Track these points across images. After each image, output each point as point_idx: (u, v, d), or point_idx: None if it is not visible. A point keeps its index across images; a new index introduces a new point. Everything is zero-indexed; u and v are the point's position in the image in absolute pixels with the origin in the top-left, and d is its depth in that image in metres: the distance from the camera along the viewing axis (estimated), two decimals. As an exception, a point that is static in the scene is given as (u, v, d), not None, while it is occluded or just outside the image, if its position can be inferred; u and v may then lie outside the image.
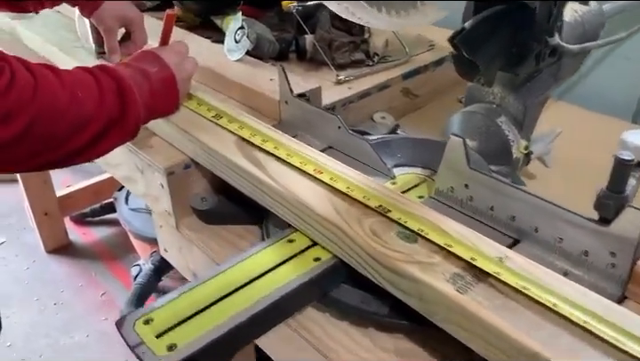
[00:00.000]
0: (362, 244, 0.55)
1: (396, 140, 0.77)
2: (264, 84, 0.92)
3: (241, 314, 0.53)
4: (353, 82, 1.02)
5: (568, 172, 0.84)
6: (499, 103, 0.76)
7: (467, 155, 0.62)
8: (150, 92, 0.71)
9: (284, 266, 0.59)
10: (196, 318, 0.53)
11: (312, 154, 0.70)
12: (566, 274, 0.55)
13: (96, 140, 0.64)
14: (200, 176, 0.81)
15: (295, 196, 0.62)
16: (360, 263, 0.56)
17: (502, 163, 0.75)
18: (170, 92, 0.75)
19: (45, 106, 0.58)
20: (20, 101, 0.56)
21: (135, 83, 0.69)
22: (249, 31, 1.01)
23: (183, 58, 0.79)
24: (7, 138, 0.56)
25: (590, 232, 0.54)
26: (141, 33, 0.97)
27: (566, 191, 0.70)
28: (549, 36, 0.66)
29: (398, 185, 0.71)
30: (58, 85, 0.61)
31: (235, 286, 0.57)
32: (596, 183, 0.54)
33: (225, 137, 0.75)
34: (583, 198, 0.55)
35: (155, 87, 0.72)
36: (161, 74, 0.74)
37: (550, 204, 0.57)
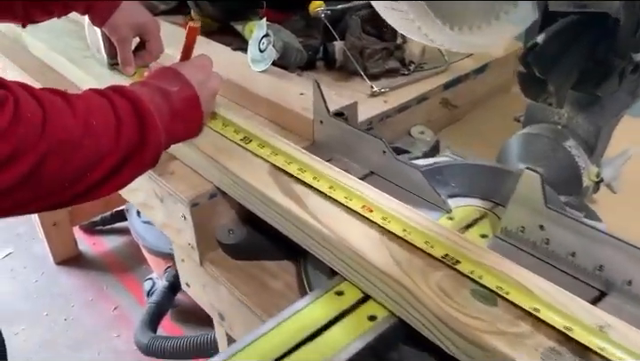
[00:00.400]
0: (430, 305, 0.46)
1: (450, 166, 0.68)
2: (294, 99, 0.83)
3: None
4: (389, 94, 0.93)
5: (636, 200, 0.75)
6: (565, 124, 0.67)
7: (544, 192, 0.53)
8: (171, 114, 0.62)
9: (335, 327, 0.50)
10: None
11: (357, 186, 0.62)
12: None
13: (111, 175, 0.56)
14: (227, 206, 0.72)
15: (344, 240, 0.54)
16: (428, 328, 0.47)
17: (571, 192, 0.66)
18: (193, 114, 0.66)
19: (56, 141, 0.50)
20: (26, 138, 0.48)
21: (155, 105, 0.60)
22: (274, 39, 0.93)
23: (207, 74, 0.70)
24: (10, 181, 0.47)
25: None
26: (157, 42, 0.89)
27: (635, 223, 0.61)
28: (634, 52, 0.57)
29: (456, 220, 0.62)
30: (69, 115, 0.53)
31: (283, 351, 0.48)
32: None
33: (256, 165, 0.67)
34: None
35: (176, 108, 0.63)
36: (183, 93, 0.65)
37: (651, 255, 0.48)
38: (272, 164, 0.66)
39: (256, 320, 0.65)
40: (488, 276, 0.48)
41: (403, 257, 0.51)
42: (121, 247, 2.01)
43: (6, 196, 0.48)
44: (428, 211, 0.63)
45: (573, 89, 0.62)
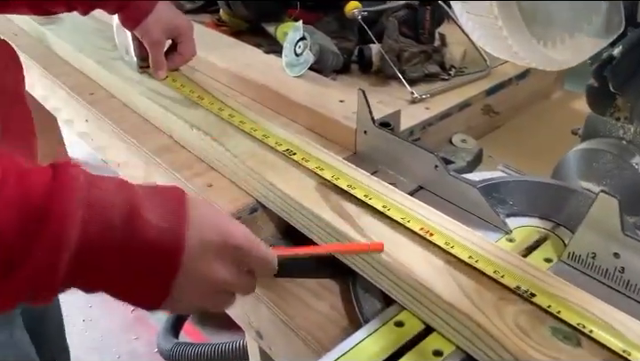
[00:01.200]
0: (507, 344, 0.42)
1: (507, 183, 0.64)
2: (334, 107, 0.79)
3: None
4: (429, 100, 0.89)
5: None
6: (631, 140, 0.63)
7: (621, 218, 0.49)
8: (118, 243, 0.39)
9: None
10: None
11: (414, 206, 0.58)
12: None
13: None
14: (267, 219, 0.69)
15: (404, 267, 0.50)
16: (504, 369, 0.43)
17: (638, 213, 0.62)
18: (157, 271, 0.41)
19: None
20: None
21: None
22: (311, 42, 0.89)
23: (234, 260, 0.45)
24: None
25: None
26: (190, 44, 0.86)
27: None
28: None
29: (517, 242, 0.58)
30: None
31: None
32: None
33: (302, 179, 0.63)
34: None
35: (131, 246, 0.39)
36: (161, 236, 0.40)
37: None
38: (319, 178, 0.63)
39: (299, 342, 0.62)
40: (567, 312, 0.44)
41: (471, 288, 0.47)
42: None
43: None
44: (486, 231, 0.59)
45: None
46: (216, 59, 0.96)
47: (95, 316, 1.72)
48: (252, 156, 0.68)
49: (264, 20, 1.05)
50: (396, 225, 0.55)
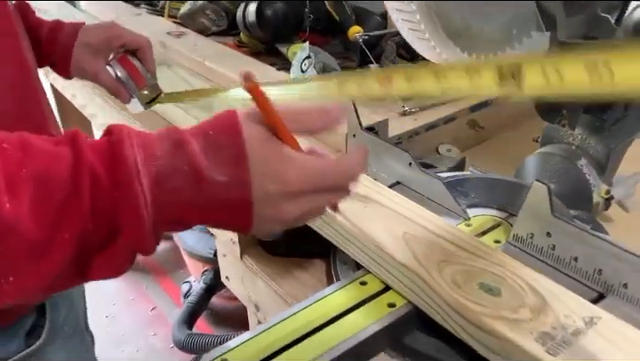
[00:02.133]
0: (443, 294, 0.53)
1: (471, 179, 0.75)
2: (331, 114, 0.91)
3: (317, 360, 0.52)
4: (419, 113, 1.00)
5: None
6: (579, 145, 0.73)
7: (551, 202, 0.59)
8: (194, 209, 0.41)
9: (357, 311, 0.57)
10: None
11: (386, 193, 0.69)
12: (662, 337, 0.51)
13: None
14: (266, 207, 0.81)
15: (370, 238, 0.61)
16: (440, 314, 0.54)
17: (581, 207, 0.71)
18: (233, 221, 0.43)
19: None
20: None
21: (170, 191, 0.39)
22: (315, 60, 1.02)
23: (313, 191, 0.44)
24: None
25: (690, 294, 0.51)
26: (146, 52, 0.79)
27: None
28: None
29: (473, 227, 0.69)
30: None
31: (308, 330, 0.55)
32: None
33: (295, 170, 0.75)
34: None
35: (204, 208, 0.41)
36: (229, 194, 0.41)
37: (645, 261, 0.53)
38: (309, 170, 0.74)
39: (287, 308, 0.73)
40: (495, 273, 0.55)
41: (421, 253, 0.58)
42: (161, 252, 2.12)
43: None
44: (449, 218, 0.69)
45: (585, 112, 0.68)
46: (236, 75, 1.09)
47: (117, 312, 1.85)
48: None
49: (278, 42, 1.19)
50: (369, 203, 0.66)
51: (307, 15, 1.13)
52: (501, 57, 0.51)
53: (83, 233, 0.36)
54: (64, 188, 0.35)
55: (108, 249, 0.38)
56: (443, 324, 0.54)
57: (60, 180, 0.35)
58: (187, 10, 1.28)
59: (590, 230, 0.59)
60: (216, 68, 1.13)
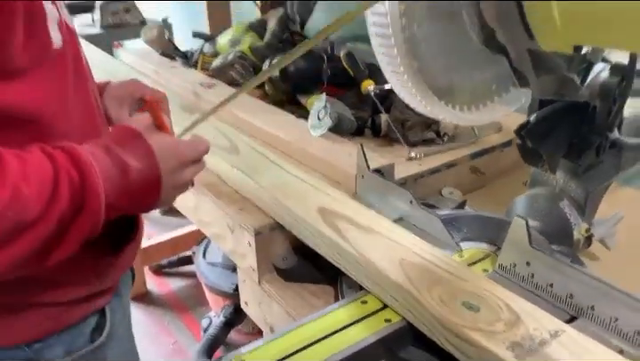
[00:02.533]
0: (431, 310, 0.61)
1: (464, 216, 0.84)
2: (343, 158, 1.02)
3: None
4: (424, 158, 1.10)
5: (630, 256, 0.87)
6: (561, 188, 0.82)
7: (529, 235, 0.68)
8: (121, 192, 0.59)
9: (356, 325, 0.66)
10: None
11: (387, 225, 0.78)
12: (622, 352, 0.59)
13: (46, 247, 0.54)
14: (283, 237, 0.91)
15: (371, 262, 0.70)
16: (428, 327, 0.62)
17: (564, 243, 0.80)
18: (147, 200, 0.63)
19: None
20: None
21: (106, 179, 0.57)
22: (330, 110, 1.13)
23: (184, 164, 0.67)
24: None
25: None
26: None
27: (626, 274, 0.74)
28: (609, 131, 0.73)
29: (465, 258, 0.77)
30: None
31: (313, 339, 0.64)
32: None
33: (308, 203, 0.85)
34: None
35: (130, 189, 0.59)
36: (143, 174, 0.60)
37: (607, 286, 0.61)
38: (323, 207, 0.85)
39: (299, 330, 0.82)
40: (476, 293, 0.63)
41: (414, 276, 0.67)
42: (183, 289, 2.21)
43: None
44: (445, 250, 0.78)
45: (564, 158, 0.78)
46: (259, 121, 1.22)
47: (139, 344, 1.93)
48: (274, 187, 0.90)
49: (299, 94, 1.31)
50: (372, 234, 0.76)
51: (325, 70, 1.26)
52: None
53: (61, 212, 0.53)
54: (52, 182, 0.53)
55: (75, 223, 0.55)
56: (430, 336, 0.62)
57: (48, 178, 0.53)
58: (218, 64, 1.42)
59: (563, 260, 0.67)
60: (242, 116, 1.26)
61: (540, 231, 0.79)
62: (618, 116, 0.73)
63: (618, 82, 0.70)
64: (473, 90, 0.64)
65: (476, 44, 0.60)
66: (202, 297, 1.87)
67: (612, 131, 0.73)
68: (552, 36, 0.55)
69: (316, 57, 1.31)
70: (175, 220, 2.47)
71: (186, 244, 2.14)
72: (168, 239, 2.22)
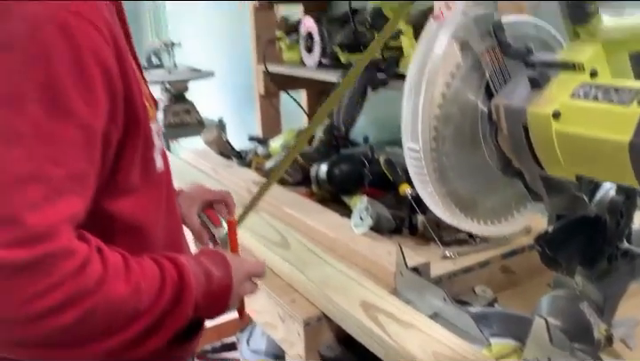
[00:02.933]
0: (460, 397, 0.70)
1: (493, 313, 0.93)
2: (383, 255, 1.14)
3: None
4: (457, 258, 1.21)
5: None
6: (581, 290, 0.91)
7: (549, 333, 0.77)
8: (205, 293, 0.73)
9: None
10: None
11: (424, 321, 0.89)
12: None
13: (145, 336, 0.66)
14: (328, 328, 1.01)
15: (407, 351, 0.80)
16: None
17: (585, 342, 0.87)
18: (220, 303, 0.77)
19: (105, 299, 0.61)
20: (82, 290, 0.59)
21: (196, 280, 0.71)
22: (371, 211, 1.27)
23: (247, 278, 0.83)
24: (64, 323, 0.58)
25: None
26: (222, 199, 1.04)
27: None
28: (619, 242, 0.83)
29: (493, 352, 0.86)
30: (124, 279, 0.63)
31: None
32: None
33: (353, 298, 0.96)
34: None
35: (210, 290, 0.74)
36: (222, 281, 0.76)
37: (620, 383, 0.69)
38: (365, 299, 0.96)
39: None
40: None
41: (446, 367, 0.76)
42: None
43: (62, 334, 0.58)
44: (475, 344, 0.87)
45: (580, 265, 0.87)
46: (307, 219, 1.36)
47: None
48: (321, 281, 1.02)
49: (342, 194, 1.46)
50: (409, 328, 0.86)
51: (366, 174, 1.40)
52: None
53: (164, 303, 0.67)
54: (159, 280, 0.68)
55: (172, 314, 0.68)
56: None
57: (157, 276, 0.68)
58: (270, 165, 1.60)
59: (581, 356, 0.75)
60: (292, 213, 1.40)
61: (562, 330, 0.87)
62: (626, 229, 0.83)
63: (624, 199, 0.81)
64: (494, 207, 0.76)
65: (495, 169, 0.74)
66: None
67: (622, 241, 0.83)
68: (557, 169, 0.68)
69: (357, 161, 1.47)
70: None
71: (230, 331, 2.23)
72: (213, 325, 2.32)
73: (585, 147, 0.63)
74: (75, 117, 0.60)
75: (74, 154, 0.60)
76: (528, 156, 0.69)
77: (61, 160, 0.59)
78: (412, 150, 0.67)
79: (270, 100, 2.18)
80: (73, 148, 0.60)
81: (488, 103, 0.71)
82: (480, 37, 0.67)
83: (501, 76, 0.70)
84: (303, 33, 1.85)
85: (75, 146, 0.60)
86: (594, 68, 0.65)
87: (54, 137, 0.59)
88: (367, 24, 1.58)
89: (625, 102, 0.59)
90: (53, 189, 0.58)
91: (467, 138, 0.70)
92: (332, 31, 1.74)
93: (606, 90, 0.61)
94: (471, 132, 0.70)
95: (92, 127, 0.62)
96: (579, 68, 0.66)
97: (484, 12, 0.66)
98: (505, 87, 0.70)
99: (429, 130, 0.66)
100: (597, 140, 0.61)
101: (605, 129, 0.60)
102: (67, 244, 0.58)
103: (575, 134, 0.63)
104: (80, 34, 0.60)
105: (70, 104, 0.59)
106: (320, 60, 1.77)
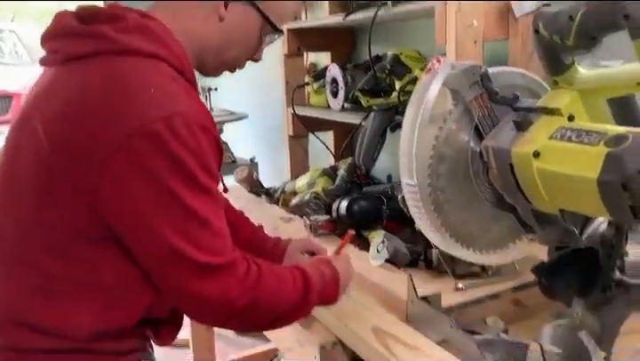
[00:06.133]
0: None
1: (498, 341, 0.99)
2: (398, 286, 1.21)
3: None
4: (469, 290, 1.26)
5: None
6: (581, 319, 0.96)
7: (543, 357, 0.83)
8: (322, 289, 1.00)
9: None
10: None
11: (429, 344, 0.95)
12: None
13: (285, 317, 0.96)
14: (342, 352, 1.08)
15: (412, 373, 0.86)
16: None
17: (584, 367, 0.92)
18: (334, 291, 1.04)
19: (262, 291, 0.89)
20: (247, 285, 0.88)
21: (315, 281, 0.98)
22: (388, 244, 1.34)
23: (348, 266, 1.10)
24: (238, 308, 0.87)
25: None
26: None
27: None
28: (611, 272, 0.89)
29: (495, 377, 0.91)
30: (272, 276, 0.93)
31: None
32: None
33: (366, 324, 1.03)
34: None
35: (325, 286, 1.01)
36: (332, 278, 1.03)
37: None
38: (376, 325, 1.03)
39: None
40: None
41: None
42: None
43: (236, 316, 0.89)
44: (477, 369, 0.93)
45: (577, 295, 0.93)
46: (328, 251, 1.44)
47: None
48: (338, 308, 1.10)
49: (362, 229, 1.54)
50: (415, 351, 0.92)
51: (384, 210, 1.49)
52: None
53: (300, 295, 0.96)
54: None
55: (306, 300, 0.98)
56: None
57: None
58: (296, 202, 1.70)
59: (574, 380, 0.80)
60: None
61: (562, 357, 0.92)
62: (617, 260, 0.89)
63: (614, 232, 0.87)
64: (490, 237, 0.84)
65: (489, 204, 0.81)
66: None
67: (614, 272, 0.89)
68: (542, 203, 0.76)
69: (377, 198, 1.55)
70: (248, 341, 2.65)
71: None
72: (241, 358, 2.40)
73: (562, 183, 0.70)
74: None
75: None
76: (517, 193, 0.77)
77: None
78: (409, 185, 0.76)
79: (299, 141, 2.30)
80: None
81: (479, 143, 0.80)
82: (469, 86, 0.76)
83: (490, 120, 0.78)
84: (329, 79, 1.98)
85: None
86: (571, 113, 0.74)
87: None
88: (386, 70, 1.69)
89: (593, 143, 0.67)
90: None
91: (460, 175, 0.79)
92: (355, 77, 1.86)
93: (579, 132, 0.69)
94: (464, 169, 0.79)
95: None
96: (557, 113, 0.74)
97: (470, 64, 0.76)
98: (493, 130, 0.78)
99: (424, 167, 0.75)
100: (571, 176, 0.68)
101: (577, 167, 0.67)
102: (238, 255, 0.89)
103: (553, 172, 0.71)
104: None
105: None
106: (344, 103, 1.88)
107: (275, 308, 0.93)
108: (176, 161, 0.80)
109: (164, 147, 0.79)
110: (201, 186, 0.83)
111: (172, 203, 0.81)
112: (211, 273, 0.84)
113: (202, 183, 0.83)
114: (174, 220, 0.82)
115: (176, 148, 0.79)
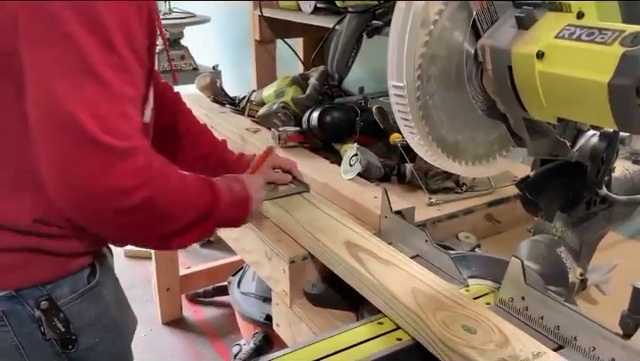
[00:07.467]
0: (435, 331, 0.73)
1: (472, 256, 0.96)
2: (369, 200, 1.16)
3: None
4: (442, 205, 1.23)
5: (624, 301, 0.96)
6: (559, 235, 0.93)
7: (524, 273, 0.80)
8: (230, 203, 0.93)
9: (372, 341, 0.78)
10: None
11: (403, 259, 0.91)
12: (597, 376, 0.69)
13: (186, 230, 0.86)
14: (313, 266, 1.04)
15: (387, 288, 0.83)
16: (432, 345, 0.74)
17: (560, 285, 0.90)
18: (243, 211, 0.98)
19: (161, 189, 0.80)
20: (145, 177, 0.78)
21: (224, 194, 0.92)
22: (361, 157, 1.28)
23: (259, 187, 1.04)
24: (129, 204, 0.76)
25: (617, 344, 0.69)
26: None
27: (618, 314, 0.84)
28: (598, 188, 0.85)
29: (471, 292, 0.89)
30: (175, 176, 0.86)
31: (331, 351, 0.76)
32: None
33: (337, 238, 0.98)
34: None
35: (234, 201, 0.94)
36: (241, 193, 0.97)
37: (587, 319, 0.72)
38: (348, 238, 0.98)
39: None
40: (474, 318, 0.75)
41: (423, 302, 0.79)
42: (217, 317, 2.35)
43: (125, 216, 0.77)
44: (453, 284, 0.90)
45: (559, 210, 0.89)
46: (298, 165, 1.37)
47: None
48: (308, 222, 1.04)
49: (334, 141, 1.47)
50: (389, 266, 0.88)
51: (358, 122, 1.41)
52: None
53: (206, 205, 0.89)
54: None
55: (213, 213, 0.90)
56: (433, 353, 0.74)
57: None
58: (263, 112, 1.59)
59: (553, 296, 0.78)
60: (282, 159, 1.40)
61: (539, 273, 0.90)
62: (605, 175, 0.84)
63: (605, 146, 0.82)
64: (476, 149, 0.77)
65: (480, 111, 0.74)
66: (234, 326, 2.00)
67: (601, 188, 0.85)
68: (540, 111, 0.69)
69: (350, 109, 1.47)
70: (213, 253, 2.63)
71: (222, 275, 2.28)
72: (205, 269, 2.37)
73: (566, 87, 0.63)
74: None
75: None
76: (512, 98, 0.70)
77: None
78: (397, 88, 0.68)
79: (266, 47, 2.15)
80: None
81: (474, 44, 0.71)
82: (468, -25, 0.66)
83: (489, 17, 0.69)
84: (300, -23, 1.82)
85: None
86: (581, 10, 0.65)
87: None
88: (364, -32, 1.55)
89: (607, 42, 0.59)
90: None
91: (452, 78, 0.71)
92: (329, -24, 1.71)
93: (590, 30, 0.62)
94: (456, 72, 0.71)
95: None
96: (566, 9, 0.66)
97: (472, -51, 0.66)
98: (492, 28, 0.70)
99: (414, 68, 0.67)
100: (578, 80, 0.61)
101: (587, 69, 0.60)
102: (142, 143, 0.79)
103: (557, 75, 0.63)
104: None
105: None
106: (316, 3, 1.74)
107: (172, 215, 0.83)
108: (93, 20, 0.72)
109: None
110: (118, 54, 0.75)
111: (78, 64, 0.72)
112: (107, 155, 0.73)
113: (119, 52, 0.75)
114: (76, 82, 0.72)
115: (97, 9, 0.72)
